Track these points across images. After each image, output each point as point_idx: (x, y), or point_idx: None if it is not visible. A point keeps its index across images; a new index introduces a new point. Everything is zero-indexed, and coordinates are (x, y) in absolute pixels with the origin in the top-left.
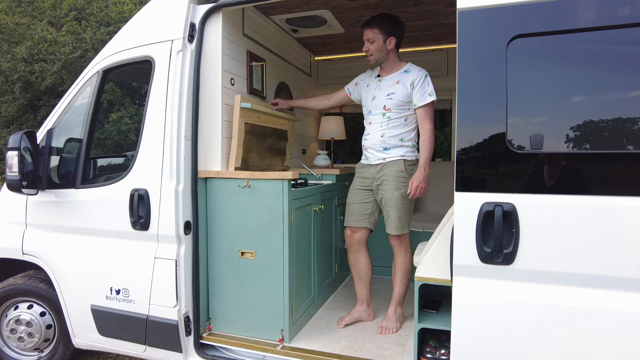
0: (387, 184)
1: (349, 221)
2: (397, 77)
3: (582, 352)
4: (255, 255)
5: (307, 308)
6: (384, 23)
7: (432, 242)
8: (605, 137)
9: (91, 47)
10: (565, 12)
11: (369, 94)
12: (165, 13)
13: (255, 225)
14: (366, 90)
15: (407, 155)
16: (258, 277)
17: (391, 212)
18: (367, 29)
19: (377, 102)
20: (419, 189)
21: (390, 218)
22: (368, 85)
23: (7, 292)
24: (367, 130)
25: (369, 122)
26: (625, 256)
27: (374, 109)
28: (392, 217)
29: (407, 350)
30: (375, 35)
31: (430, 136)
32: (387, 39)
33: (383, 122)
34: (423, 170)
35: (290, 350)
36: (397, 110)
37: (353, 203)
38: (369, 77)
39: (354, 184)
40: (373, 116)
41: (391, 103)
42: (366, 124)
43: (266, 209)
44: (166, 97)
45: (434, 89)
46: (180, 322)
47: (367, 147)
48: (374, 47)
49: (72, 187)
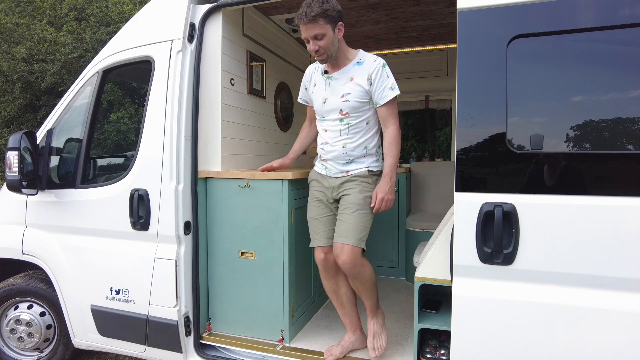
0: (350, 191)
1: (318, 240)
2: (349, 72)
3: (581, 352)
4: (255, 256)
5: (307, 308)
6: (328, 10)
7: (432, 242)
8: (605, 137)
9: (91, 47)
10: (565, 12)
11: (318, 95)
12: (165, 13)
13: (255, 225)
14: (314, 91)
15: (372, 165)
16: (258, 278)
17: (348, 216)
18: (311, 23)
19: (330, 106)
20: (385, 201)
21: (344, 223)
22: (315, 84)
23: (7, 292)
24: (324, 138)
25: (324, 129)
26: (625, 256)
27: (328, 114)
28: (347, 222)
29: (407, 350)
30: (323, 27)
31: (395, 138)
32: (336, 26)
33: (342, 129)
34: (388, 180)
35: (290, 350)
36: (356, 114)
37: (317, 218)
38: (314, 73)
39: (313, 195)
40: (328, 122)
41: (348, 106)
42: (321, 131)
43: (266, 209)
44: (166, 97)
45: (394, 80)
46: (180, 322)
47: (326, 159)
48: (324, 42)
49: (72, 187)
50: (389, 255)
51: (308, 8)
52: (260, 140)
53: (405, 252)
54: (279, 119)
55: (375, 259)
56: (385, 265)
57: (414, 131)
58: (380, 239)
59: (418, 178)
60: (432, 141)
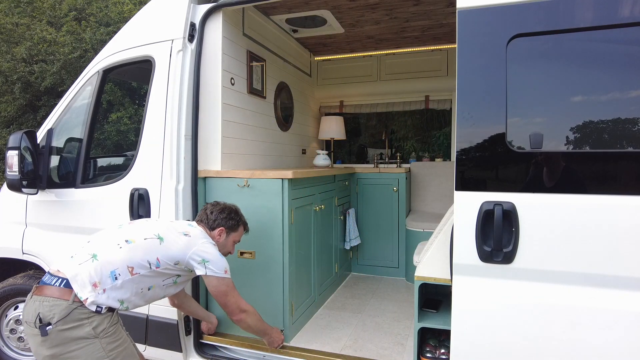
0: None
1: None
2: None
3: (581, 351)
4: (254, 255)
5: (307, 308)
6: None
7: (432, 241)
8: (604, 137)
9: (91, 48)
10: (565, 12)
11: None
12: (165, 13)
13: (255, 225)
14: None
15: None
16: (257, 277)
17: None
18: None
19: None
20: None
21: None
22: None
23: (7, 292)
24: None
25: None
26: (624, 255)
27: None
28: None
29: (407, 349)
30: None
31: None
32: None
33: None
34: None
35: (290, 349)
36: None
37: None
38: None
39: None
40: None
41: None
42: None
43: (266, 209)
44: (166, 97)
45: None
46: (180, 321)
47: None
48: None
49: (72, 186)
50: (389, 255)
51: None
52: (260, 140)
53: (405, 252)
54: (279, 119)
55: (375, 259)
56: (385, 265)
57: (414, 131)
58: (380, 239)
59: (418, 178)
60: (432, 141)
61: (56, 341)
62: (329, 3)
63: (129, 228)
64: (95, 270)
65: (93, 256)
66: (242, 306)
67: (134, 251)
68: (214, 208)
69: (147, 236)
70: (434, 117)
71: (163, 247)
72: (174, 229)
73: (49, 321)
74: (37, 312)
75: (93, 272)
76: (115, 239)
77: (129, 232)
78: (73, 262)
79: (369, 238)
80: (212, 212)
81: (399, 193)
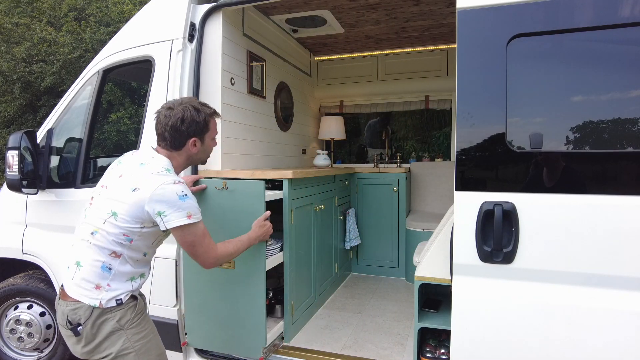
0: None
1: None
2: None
3: (581, 351)
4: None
5: (307, 308)
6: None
7: (432, 241)
8: (604, 137)
9: (91, 48)
10: (565, 12)
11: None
12: (165, 13)
13: (235, 226)
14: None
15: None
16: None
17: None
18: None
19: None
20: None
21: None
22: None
23: (7, 292)
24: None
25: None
26: (624, 255)
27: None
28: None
29: (407, 349)
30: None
31: None
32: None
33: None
34: None
35: (290, 349)
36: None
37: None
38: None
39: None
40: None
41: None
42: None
43: (245, 212)
44: (166, 97)
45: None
46: (180, 321)
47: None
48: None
49: (72, 186)
50: (389, 255)
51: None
52: (260, 140)
53: (405, 252)
54: (279, 119)
55: (375, 259)
56: (385, 265)
57: (414, 131)
58: (381, 238)
59: (418, 178)
60: (432, 141)
61: (89, 339)
62: (329, 3)
63: (90, 213)
64: (88, 275)
65: (77, 264)
66: (212, 255)
67: (103, 239)
68: (168, 120)
69: (104, 217)
70: (434, 117)
71: (120, 220)
72: (125, 187)
73: (78, 322)
74: (65, 315)
75: (87, 278)
76: (83, 235)
77: (90, 220)
78: (68, 278)
79: (369, 238)
80: (169, 125)
81: (398, 193)
